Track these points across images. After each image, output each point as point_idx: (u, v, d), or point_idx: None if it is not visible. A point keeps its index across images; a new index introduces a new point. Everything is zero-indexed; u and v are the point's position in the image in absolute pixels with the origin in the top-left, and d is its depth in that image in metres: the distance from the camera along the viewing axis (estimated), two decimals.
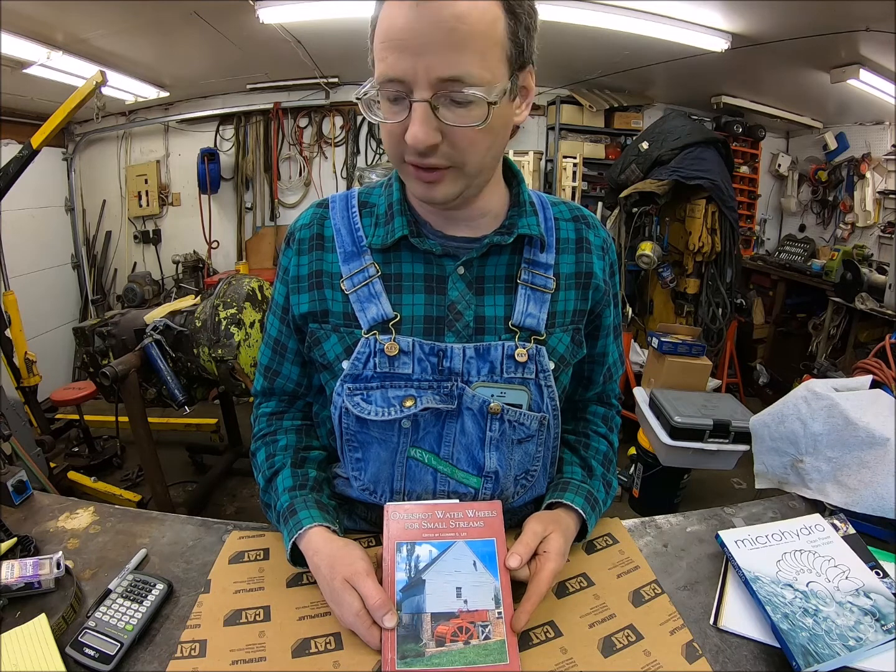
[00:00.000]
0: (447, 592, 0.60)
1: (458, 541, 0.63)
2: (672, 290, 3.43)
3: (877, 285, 3.08)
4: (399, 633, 0.58)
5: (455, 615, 0.59)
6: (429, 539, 0.64)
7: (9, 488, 0.87)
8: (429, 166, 0.63)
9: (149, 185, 4.50)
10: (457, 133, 0.60)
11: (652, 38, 3.02)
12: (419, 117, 0.58)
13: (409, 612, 0.60)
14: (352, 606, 0.61)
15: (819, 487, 0.94)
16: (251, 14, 2.72)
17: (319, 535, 0.69)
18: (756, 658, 0.63)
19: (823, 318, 3.54)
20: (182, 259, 4.43)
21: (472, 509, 0.66)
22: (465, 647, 0.57)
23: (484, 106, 0.58)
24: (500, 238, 0.72)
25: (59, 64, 2.97)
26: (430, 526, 0.65)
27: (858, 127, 4.07)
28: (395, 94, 0.59)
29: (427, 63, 0.56)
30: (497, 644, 0.56)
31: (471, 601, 0.59)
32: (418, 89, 0.57)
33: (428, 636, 0.58)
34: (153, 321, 2.33)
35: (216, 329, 2.20)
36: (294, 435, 0.84)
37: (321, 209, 0.79)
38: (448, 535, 0.64)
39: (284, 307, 0.80)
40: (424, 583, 0.61)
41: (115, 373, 2.13)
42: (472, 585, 0.60)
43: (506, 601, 0.60)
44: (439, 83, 0.57)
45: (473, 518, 0.65)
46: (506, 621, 0.59)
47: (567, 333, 0.78)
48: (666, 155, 3.20)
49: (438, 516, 0.66)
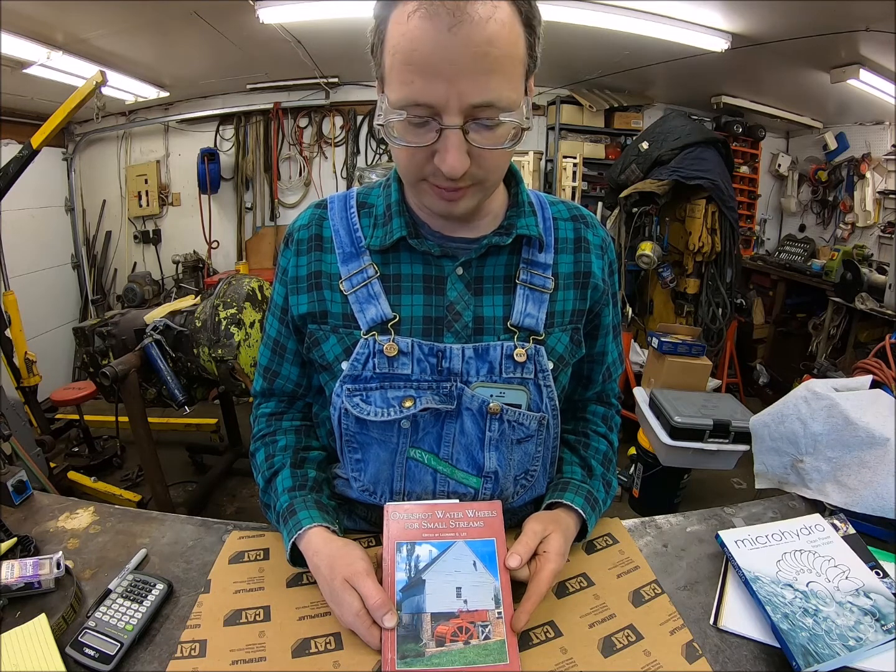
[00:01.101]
0: (447, 592, 0.60)
1: (458, 541, 0.63)
2: (672, 290, 3.43)
3: (877, 285, 3.08)
4: (399, 633, 0.58)
5: (455, 615, 0.58)
6: (429, 539, 0.64)
7: (9, 488, 0.87)
8: (457, 187, 0.63)
9: (149, 185, 4.50)
10: (485, 154, 0.60)
11: (652, 38, 3.02)
12: (454, 145, 0.57)
13: (410, 611, 0.60)
14: (352, 606, 0.61)
15: (819, 487, 0.94)
16: (251, 14, 2.72)
17: (319, 536, 0.69)
18: (756, 658, 0.63)
19: (823, 318, 3.54)
20: (182, 259, 4.43)
21: (472, 509, 0.66)
22: (465, 647, 0.56)
23: (509, 125, 0.58)
24: (499, 238, 0.72)
25: (59, 64, 2.97)
26: (430, 526, 0.65)
27: (858, 127, 4.07)
28: (423, 119, 0.58)
29: (460, 89, 0.55)
30: (497, 644, 0.56)
31: (471, 601, 0.59)
32: (449, 115, 0.56)
33: (428, 636, 0.58)
34: (153, 321, 2.33)
35: (216, 329, 2.20)
36: (293, 435, 0.83)
37: (319, 210, 0.79)
38: (448, 535, 0.64)
39: (283, 308, 0.80)
40: (424, 583, 0.61)
41: (115, 373, 2.13)
42: (472, 585, 0.60)
43: (506, 601, 0.60)
44: (471, 109, 0.56)
45: (473, 518, 0.65)
46: (506, 621, 0.59)
47: (566, 333, 0.78)
48: (666, 155, 3.20)
49: (438, 516, 0.66)
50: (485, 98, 0.56)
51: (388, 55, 0.58)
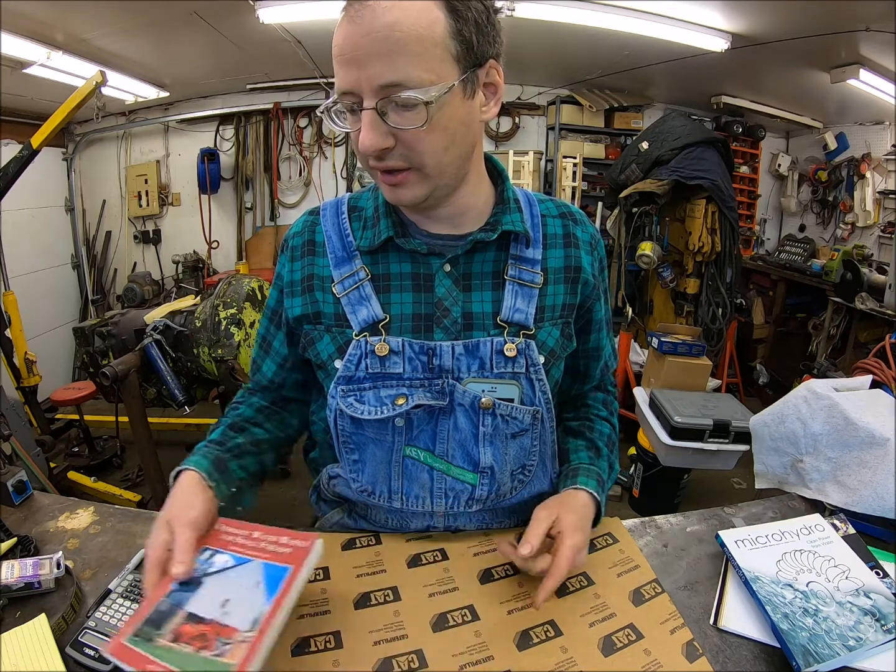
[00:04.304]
0: (214, 600, 0.58)
1: (256, 560, 0.62)
2: (672, 290, 3.43)
3: (877, 285, 3.07)
4: (149, 616, 0.56)
5: (206, 622, 0.56)
6: (234, 552, 0.63)
7: (9, 488, 0.87)
8: (388, 169, 0.65)
9: (149, 185, 4.49)
10: (405, 135, 0.62)
11: (652, 38, 3.02)
12: (366, 124, 0.62)
13: (172, 603, 0.58)
14: (156, 541, 0.61)
15: (819, 487, 0.94)
16: (251, 14, 2.72)
17: (190, 479, 0.69)
18: (756, 658, 0.63)
19: (823, 318, 3.54)
20: (182, 259, 4.43)
21: (288, 536, 0.64)
22: (193, 653, 0.53)
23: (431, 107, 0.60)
24: (484, 235, 0.73)
25: (59, 64, 2.96)
26: (241, 542, 0.64)
27: (858, 127, 4.07)
28: (351, 105, 0.63)
29: (369, 73, 0.59)
30: (222, 666, 0.52)
31: (229, 615, 0.56)
32: (366, 98, 0.61)
33: (170, 629, 0.55)
34: (153, 321, 2.33)
35: (216, 329, 2.20)
36: (253, 410, 0.87)
37: (312, 216, 0.82)
38: (252, 553, 0.62)
39: (275, 310, 0.85)
40: (201, 584, 0.59)
41: (115, 373, 2.13)
42: (240, 601, 0.58)
43: (262, 627, 0.55)
44: (381, 90, 0.59)
45: (285, 545, 0.63)
46: (251, 648, 0.54)
47: (556, 327, 0.79)
48: (666, 155, 3.20)
49: (254, 536, 0.65)
50: (391, 78, 0.59)
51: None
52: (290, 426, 0.91)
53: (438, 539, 0.81)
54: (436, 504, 0.77)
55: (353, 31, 0.59)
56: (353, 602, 0.70)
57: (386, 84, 0.59)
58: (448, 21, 0.60)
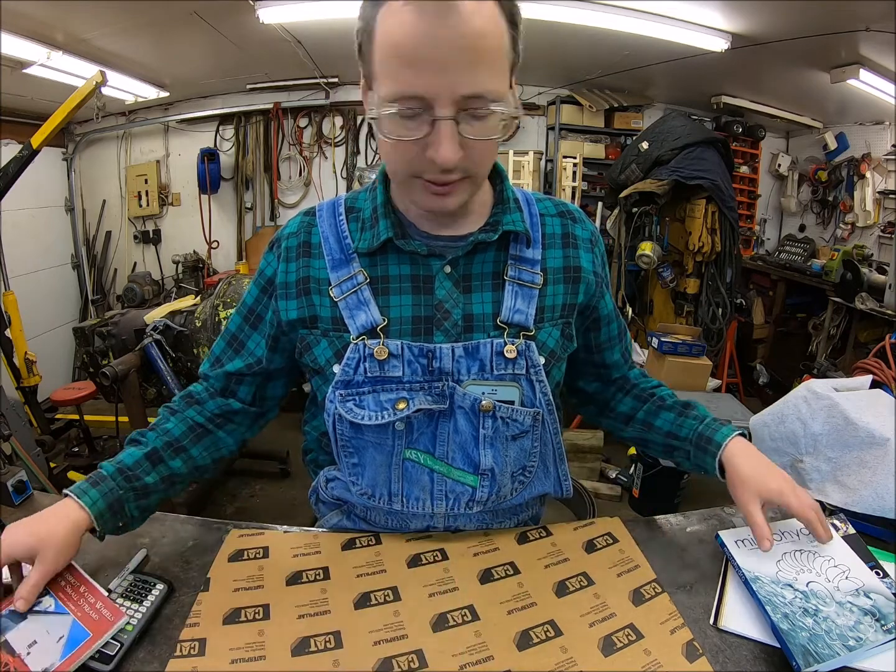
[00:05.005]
0: (26, 638, 0.59)
1: (70, 615, 0.62)
2: (672, 290, 3.43)
3: (877, 285, 3.07)
4: None
5: (14, 654, 0.57)
6: (59, 598, 0.64)
7: (9, 488, 0.87)
8: (451, 180, 0.63)
9: (149, 185, 4.49)
10: (477, 146, 0.61)
11: (652, 38, 3.02)
12: (447, 136, 0.58)
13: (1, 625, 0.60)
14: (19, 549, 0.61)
15: (819, 487, 0.94)
16: (251, 14, 2.72)
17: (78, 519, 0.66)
18: (756, 658, 0.63)
19: (823, 318, 3.53)
20: (182, 259, 4.42)
21: (102, 603, 0.64)
22: None
23: (498, 116, 0.59)
24: (485, 235, 0.73)
25: (59, 64, 2.96)
26: (69, 591, 0.65)
27: (858, 127, 4.07)
28: (413, 111, 0.58)
29: (451, 80, 0.56)
30: None
31: (31, 657, 0.57)
32: (440, 106, 0.57)
33: None
34: (153, 321, 2.33)
35: (216, 329, 2.20)
36: (185, 428, 0.81)
37: (308, 217, 0.79)
38: (71, 605, 0.63)
39: (252, 308, 0.81)
40: (25, 618, 0.61)
41: (115, 373, 2.13)
42: (44, 649, 0.58)
43: None
44: (463, 100, 0.57)
45: (98, 610, 0.63)
46: None
47: (556, 328, 0.78)
48: (666, 155, 3.20)
49: (81, 590, 0.65)
50: (475, 89, 0.57)
51: (378, 52, 0.59)
52: (223, 447, 0.85)
53: (438, 539, 0.81)
54: (436, 506, 0.77)
55: (437, 34, 0.54)
56: (353, 602, 0.69)
57: (469, 95, 0.57)
58: (510, 32, 0.60)
